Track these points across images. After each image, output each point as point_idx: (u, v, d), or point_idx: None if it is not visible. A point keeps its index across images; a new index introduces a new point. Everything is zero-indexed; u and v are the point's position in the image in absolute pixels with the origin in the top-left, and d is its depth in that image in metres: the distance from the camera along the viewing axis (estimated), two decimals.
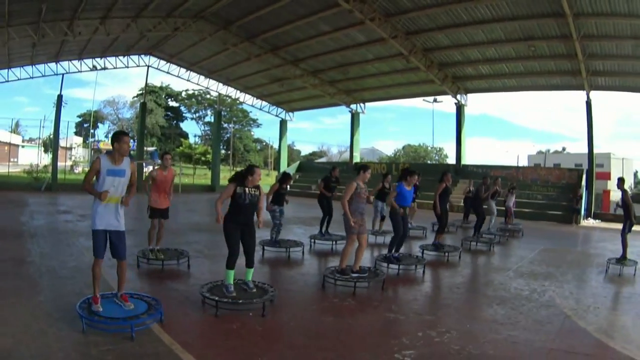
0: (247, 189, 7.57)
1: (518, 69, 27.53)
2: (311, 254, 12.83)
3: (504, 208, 20.12)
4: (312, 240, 13.92)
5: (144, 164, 37.28)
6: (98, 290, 6.65)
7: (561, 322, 7.41)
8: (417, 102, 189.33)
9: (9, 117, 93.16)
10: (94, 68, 35.42)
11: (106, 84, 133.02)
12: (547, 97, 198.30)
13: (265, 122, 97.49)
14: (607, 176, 41.97)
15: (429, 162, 65.98)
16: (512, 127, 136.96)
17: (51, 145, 39.85)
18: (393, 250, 10.99)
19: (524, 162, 64.18)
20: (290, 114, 44.63)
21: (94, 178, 6.58)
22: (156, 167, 10.43)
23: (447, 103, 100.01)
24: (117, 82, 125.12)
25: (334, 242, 13.77)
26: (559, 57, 24.76)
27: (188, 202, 28.64)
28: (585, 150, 27.95)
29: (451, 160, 63.77)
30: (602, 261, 12.74)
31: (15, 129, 68.40)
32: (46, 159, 43.69)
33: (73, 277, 8.91)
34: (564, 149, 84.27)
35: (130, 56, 36.07)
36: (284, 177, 13.24)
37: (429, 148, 74.62)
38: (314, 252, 13.10)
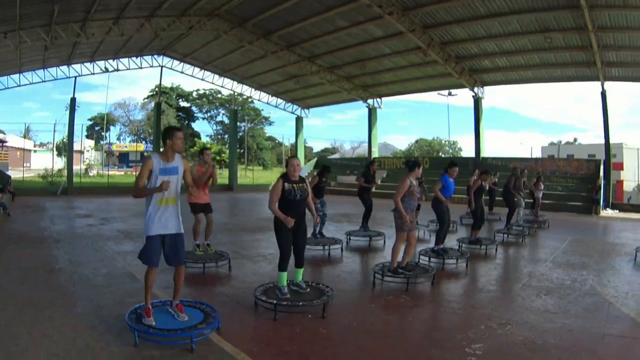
0: (294, 184, 7.19)
1: (534, 60, 27.14)
2: (349, 251, 12.47)
3: (530, 200, 19.85)
4: (348, 237, 13.58)
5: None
6: (150, 300, 6.17)
7: (606, 309, 7.55)
8: (428, 97, 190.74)
9: (21, 122, 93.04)
10: (106, 70, 34.98)
11: (115, 87, 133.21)
12: (555, 89, 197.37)
13: (277, 119, 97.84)
14: (620, 166, 41.28)
15: (442, 155, 65.47)
16: (522, 119, 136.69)
17: (64, 149, 39.48)
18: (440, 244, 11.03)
19: (537, 154, 63.67)
20: (306, 110, 44.32)
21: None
22: (193, 164, 9.94)
23: (460, 97, 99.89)
24: (126, 84, 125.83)
25: (369, 238, 13.41)
26: (574, 48, 24.46)
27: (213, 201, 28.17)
28: (596, 140, 27.75)
29: (465, 153, 63.71)
30: (629, 250, 13.06)
31: (27, 134, 68.11)
32: (60, 163, 43.27)
33: (109, 284, 8.43)
34: (575, 139, 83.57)
35: (143, 57, 35.72)
36: (323, 171, 12.95)
37: (443, 141, 74.78)
38: (352, 249, 12.73)
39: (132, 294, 7.58)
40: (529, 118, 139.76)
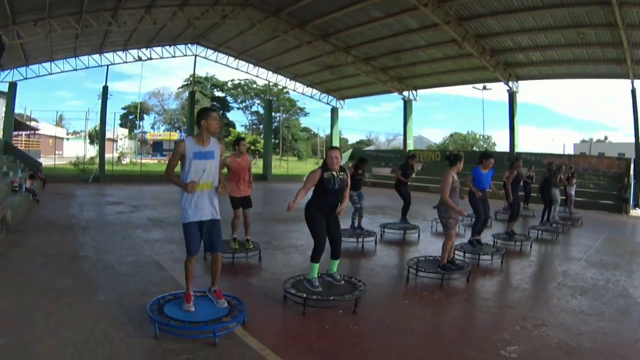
0: (334, 173, 6.84)
1: (567, 56, 26.47)
2: (383, 244, 12.06)
3: (563, 197, 19.06)
4: (382, 229, 13.27)
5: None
6: (191, 287, 5.97)
7: (639, 313, 7.29)
8: (463, 90, 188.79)
9: (53, 110, 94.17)
10: (139, 59, 35.12)
11: (149, 77, 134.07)
12: (586, 86, 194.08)
13: (312, 110, 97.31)
14: None
15: (476, 149, 64.80)
16: (553, 115, 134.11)
17: (97, 137, 39.65)
18: (477, 236, 10.80)
19: (569, 151, 62.55)
20: (341, 101, 43.76)
21: (179, 165, 5.89)
22: (228, 154, 9.56)
23: (494, 91, 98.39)
24: (160, 74, 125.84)
25: (404, 232, 13.03)
26: (605, 44, 23.78)
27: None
28: (626, 139, 26.77)
29: (499, 148, 62.90)
30: None
31: (60, 122, 68.08)
32: (92, 151, 43.50)
33: (135, 273, 8.18)
34: (606, 137, 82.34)
35: (177, 46, 35.78)
36: (360, 162, 12.59)
37: (477, 136, 74.11)
38: (385, 242, 12.33)
39: (157, 284, 7.36)
40: (561, 115, 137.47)
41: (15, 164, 25.39)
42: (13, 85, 31.23)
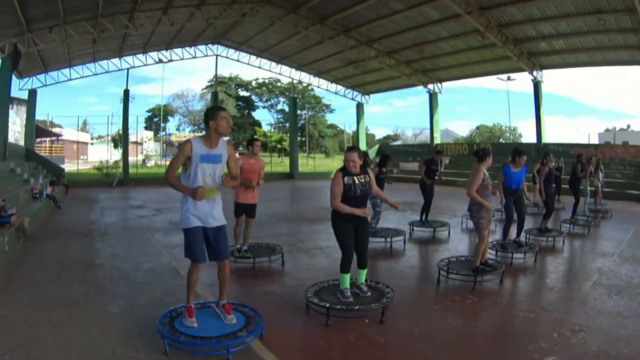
0: (355, 177, 6.32)
1: (589, 43, 25.76)
2: (412, 243, 11.51)
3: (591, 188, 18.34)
4: (411, 228, 12.71)
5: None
6: (192, 299, 5.57)
7: None
8: (487, 82, 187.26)
9: (74, 116, 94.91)
10: (160, 61, 35.22)
11: (173, 79, 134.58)
12: (608, 75, 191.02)
13: (338, 107, 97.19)
14: None
15: (503, 141, 64.28)
16: (577, 105, 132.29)
17: (120, 140, 39.71)
18: (516, 237, 10.17)
19: (593, 141, 61.60)
20: (367, 97, 43.07)
21: (181, 167, 5.39)
22: (240, 155, 9.09)
23: (518, 82, 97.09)
24: (184, 76, 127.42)
25: (434, 230, 12.47)
26: (625, 31, 23.03)
27: (268, 190, 27.59)
28: None
29: (525, 139, 62.11)
30: None
31: (84, 127, 69.16)
32: (116, 155, 43.63)
33: (150, 282, 7.81)
34: (628, 126, 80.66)
35: (197, 46, 35.78)
36: (383, 160, 11.73)
37: (504, 128, 73.41)
38: (415, 241, 11.76)
39: (173, 293, 6.97)
40: (584, 104, 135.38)
41: (37, 171, 25.28)
42: (33, 93, 31.58)
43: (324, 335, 5.58)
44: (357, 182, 6.27)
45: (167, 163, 44.27)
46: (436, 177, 13.37)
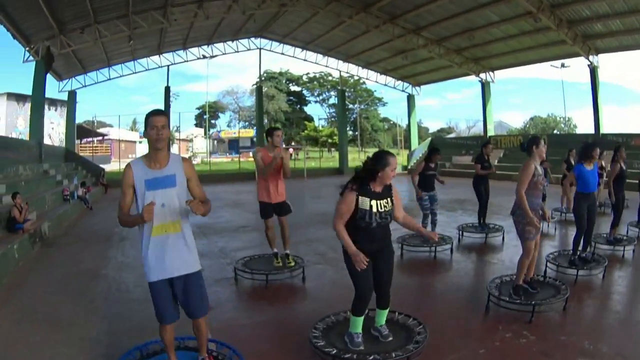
0: (375, 202, 4.66)
1: None
2: (461, 251, 9.96)
3: None
4: (460, 232, 11.09)
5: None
6: (174, 356, 4.39)
7: None
8: (540, 73, 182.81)
9: (122, 115, 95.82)
10: (203, 57, 35.20)
11: (224, 76, 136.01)
12: None
13: (391, 101, 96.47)
14: None
15: (557, 132, 62.95)
16: (629, 93, 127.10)
17: None
18: (579, 251, 8.03)
19: None
20: (417, 88, 41.25)
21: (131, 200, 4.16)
22: (260, 148, 7.93)
23: (571, 72, 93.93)
24: (235, 72, 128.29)
25: (486, 235, 10.87)
26: None
27: (314, 187, 26.78)
28: None
29: (580, 129, 60.35)
30: None
31: (134, 126, 70.78)
32: None
33: (146, 299, 6.50)
34: None
35: (239, 40, 35.36)
36: (431, 154, 10.25)
37: (558, 118, 71.75)
38: (464, 248, 10.25)
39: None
40: (637, 92, 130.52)
41: (76, 172, 25.40)
42: (72, 94, 32.13)
43: None
44: (375, 209, 4.65)
45: (216, 159, 44.29)
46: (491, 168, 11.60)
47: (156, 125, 3.93)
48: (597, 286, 7.47)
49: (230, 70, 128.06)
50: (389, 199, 4.73)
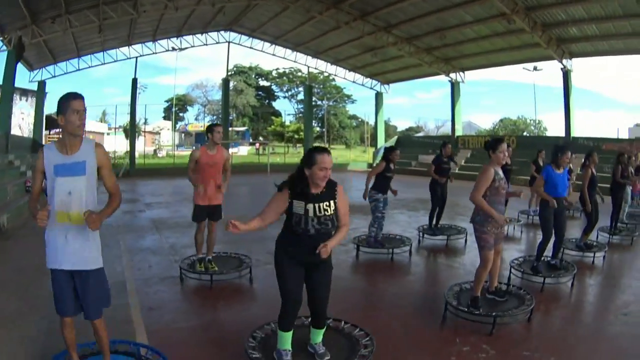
0: (313, 205, 4.12)
1: (625, 28, 23.68)
2: (420, 254, 9.63)
3: None
4: (421, 233, 10.66)
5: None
6: (75, 355, 4.07)
7: None
8: (512, 75, 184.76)
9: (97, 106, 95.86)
10: (173, 49, 35.01)
11: (196, 69, 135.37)
12: (634, 67, 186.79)
13: (360, 98, 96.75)
14: None
15: (527, 134, 63.75)
16: (602, 98, 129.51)
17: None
18: (547, 257, 7.79)
19: (623, 135, 59.82)
20: (386, 86, 41.18)
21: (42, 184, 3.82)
22: (196, 147, 7.54)
23: (545, 76, 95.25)
24: (206, 65, 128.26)
25: (447, 237, 10.44)
26: None
27: (267, 183, 26.24)
28: None
29: (551, 132, 61.25)
30: None
31: (103, 118, 70.37)
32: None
33: None
34: None
35: (209, 33, 35.01)
36: (388, 153, 9.46)
37: (528, 120, 72.40)
38: (424, 250, 9.93)
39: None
40: (610, 98, 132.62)
41: None
42: (42, 84, 31.88)
43: None
44: (311, 213, 4.11)
45: (180, 153, 44.00)
46: (448, 177, 11.29)
47: (79, 109, 3.62)
48: (565, 295, 7.14)
49: (203, 63, 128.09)
50: (331, 202, 4.17)
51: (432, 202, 11.12)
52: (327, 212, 4.11)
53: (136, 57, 33.88)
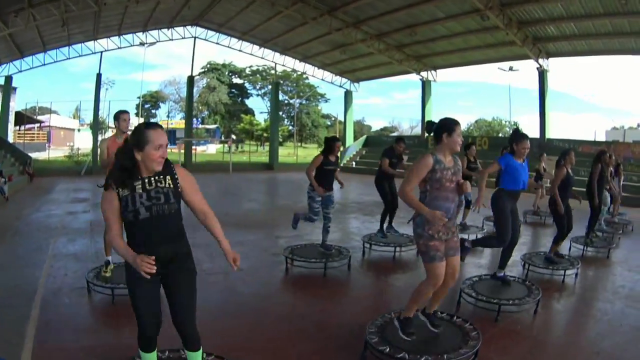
0: (139, 183, 3.37)
1: (605, 28, 23.24)
2: (364, 267, 8.63)
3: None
4: (367, 244, 9.59)
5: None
6: None
7: None
8: (488, 77, 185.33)
9: (60, 102, 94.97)
10: (140, 44, 34.69)
11: (172, 66, 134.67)
12: (611, 71, 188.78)
13: (334, 97, 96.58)
14: None
15: (501, 135, 63.82)
16: (578, 102, 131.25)
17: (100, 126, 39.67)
18: (499, 272, 6.88)
19: (600, 138, 60.27)
20: (356, 84, 41.27)
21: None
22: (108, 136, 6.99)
23: (523, 76, 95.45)
24: (182, 62, 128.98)
25: (395, 249, 9.30)
26: None
27: (234, 183, 26.15)
28: None
29: (526, 134, 61.70)
30: None
31: (76, 114, 69.09)
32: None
33: (9, 305, 6.05)
34: (639, 125, 79.50)
35: (174, 28, 34.51)
36: (329, 144, 8.57)
37: (503, 122, 72.83)
38: (369, 264, 8.85)
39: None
40: (586, 102, 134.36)
41: (6, 159, 25.49)
42: (8, 79, 31.55)
43: None
44: (140, 190, 3.35)
45: None
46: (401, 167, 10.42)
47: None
48: (525, 326, 5.81)
49: (178, 60, 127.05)
50: (167, 177, 3.44)
51: (383, 201, 10.32)
52: (162, 185, 3.40)
53: (101, 52, 33.31)
